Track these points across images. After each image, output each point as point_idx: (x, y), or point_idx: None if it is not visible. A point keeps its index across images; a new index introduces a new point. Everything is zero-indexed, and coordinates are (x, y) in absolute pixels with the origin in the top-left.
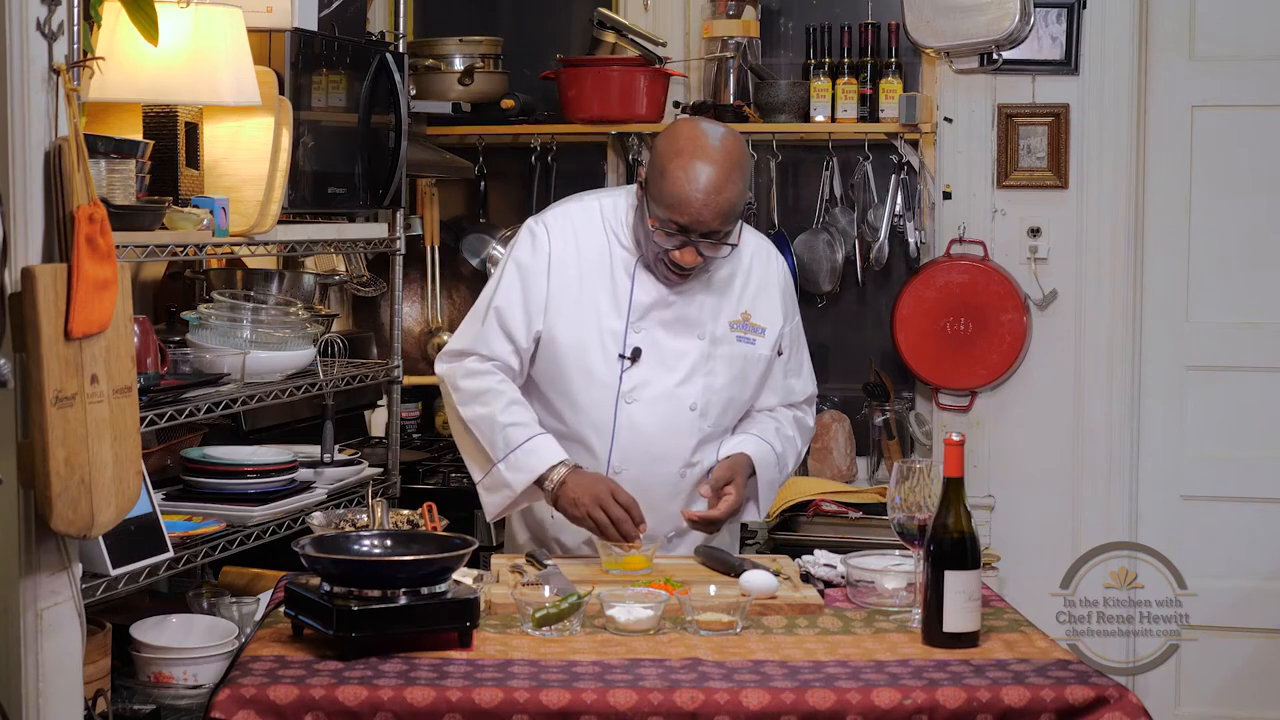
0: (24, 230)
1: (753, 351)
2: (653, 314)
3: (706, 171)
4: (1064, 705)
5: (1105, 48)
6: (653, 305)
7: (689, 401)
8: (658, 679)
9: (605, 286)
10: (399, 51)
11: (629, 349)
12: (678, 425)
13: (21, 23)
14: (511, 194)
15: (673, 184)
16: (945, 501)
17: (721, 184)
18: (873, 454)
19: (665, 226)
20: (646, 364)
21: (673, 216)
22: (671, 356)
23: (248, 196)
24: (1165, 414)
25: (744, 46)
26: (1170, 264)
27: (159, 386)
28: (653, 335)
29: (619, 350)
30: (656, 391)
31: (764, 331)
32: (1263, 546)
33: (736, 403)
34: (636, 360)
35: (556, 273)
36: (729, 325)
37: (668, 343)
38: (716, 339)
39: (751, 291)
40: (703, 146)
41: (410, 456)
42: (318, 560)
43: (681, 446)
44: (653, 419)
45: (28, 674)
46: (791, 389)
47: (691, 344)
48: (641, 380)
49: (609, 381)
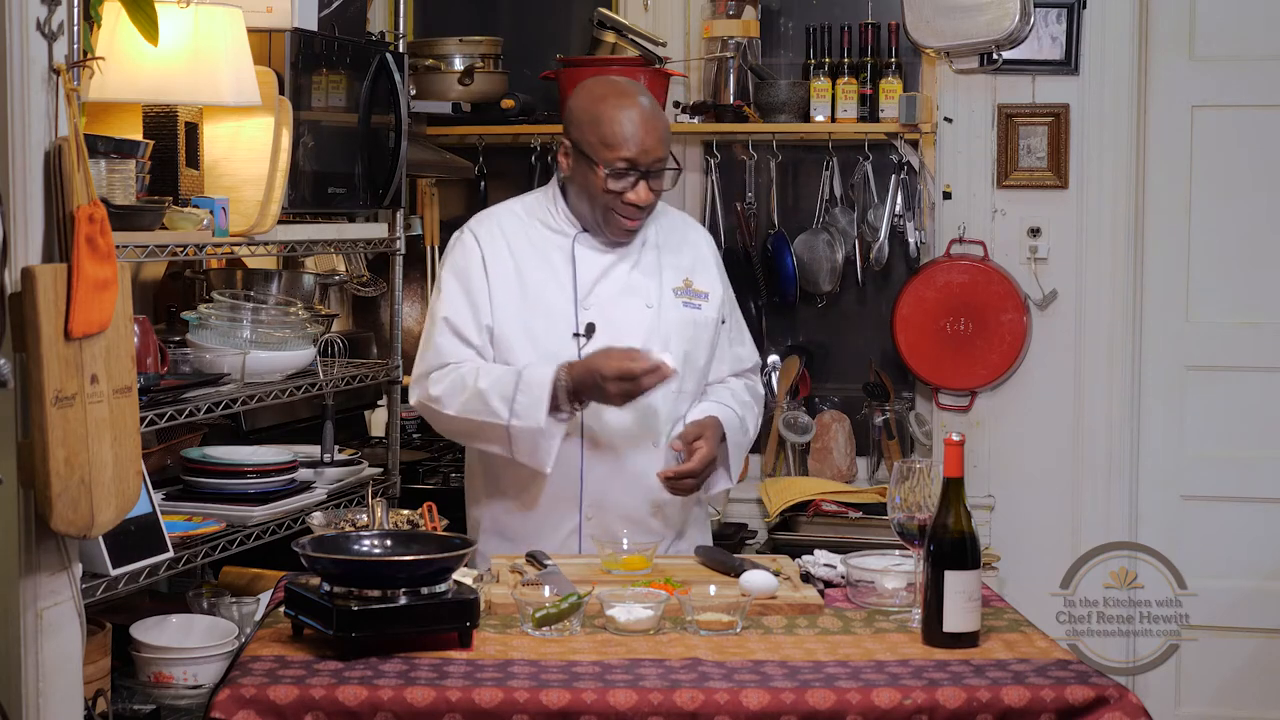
0: (24, 230)
1: (700, 316)
2: (598, 288)
3: (637, 104)
4: (1064, 705)
5: (1105, 48)
6: (597, 279)
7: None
8: (658, 679)
9: (545, 271)
10: (399, 51)
11: (582, 325)
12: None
13: (21, 23)
14: (511, 194)
15: (611, 124)
16: (945, 501)
17: (652, 112)
18: (873, 454)
19: (614, 169)
20: (602, 338)
21: (621, 154)
22: (625, 327)
23: (248, 196)
24: (1165, 414)
25: (744, 46)
26: (1170, 264)
27: (159, 386)
28: (602, 309)
29: (572, 329)
30: None
31: (707, 297)
32: (1263, 546)
33: (694, 369)
34: (591, 335)
35: (492, 268)
36: (673, 292)
37: (618, 314)
38: (664, 306)
39: (687, 261)
40: (618, 88)
41: (410, 456)
42: (318, 560)
43: (652, 417)
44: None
45: (28, 674)
46: (740, 356)
47: (640, 313)
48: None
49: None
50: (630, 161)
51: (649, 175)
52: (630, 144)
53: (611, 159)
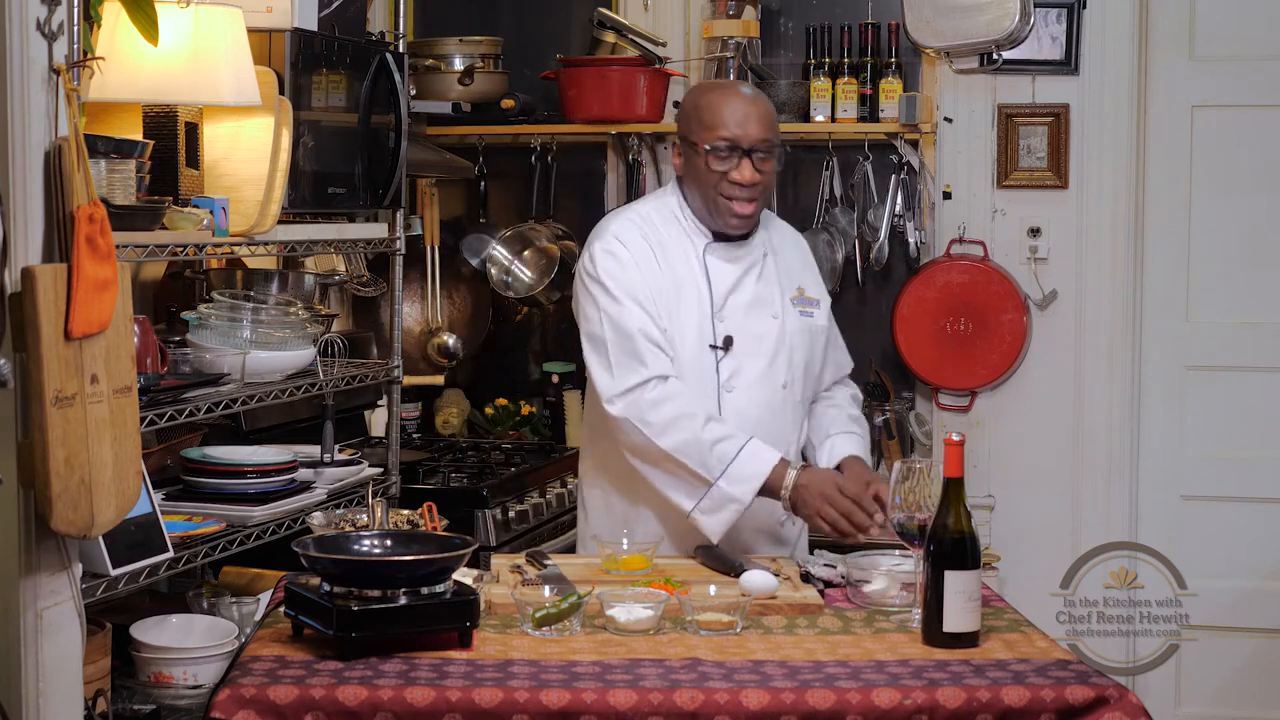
0: (24, 230)
1: (814, 324)
2: (731, 299)
3: (737, 91)
4: (1064, 705)
5: (1105, 48)
6: (729, 290)
7: (780, 381)
8: (658, 679)
9: (686, 279)
10: (399, 51)
11: (719, 338)
12: (775, 406)
13: (21, 23)
14: (511, 194)
15: (714, 107)
16: (945, 501)
17: (753, 96)
18: (873, 454)
19: (718, 149)
20: (735, 350)
21: (723, 133)
22: (755, 339)
23: (248, 196)
24: (1165, 414)
25: (744, 46)
26: (1170, 264)
27: (159, 386)
28: (737, 320)
29: (709, 341)
30: (751, 376)
31: (818, 304)
32: (1263, 546)
33: (811, 376)
34: (729, 348)
35: (647, 274)
36: (790, 301)
37: (750, 326)
38: (786, 316)
39: (797, 269)
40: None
41: (410, 456)
42: (318, 560)
43: (783, 426)
44: (753, 404)
45: (28, 674)
46: (839, 362)
47: (768, 324)
48: (736, 367)
49: (709, 373)
50: (731, 140)
51: (752, 155)
52: (730, 123)
53: (712, 138)
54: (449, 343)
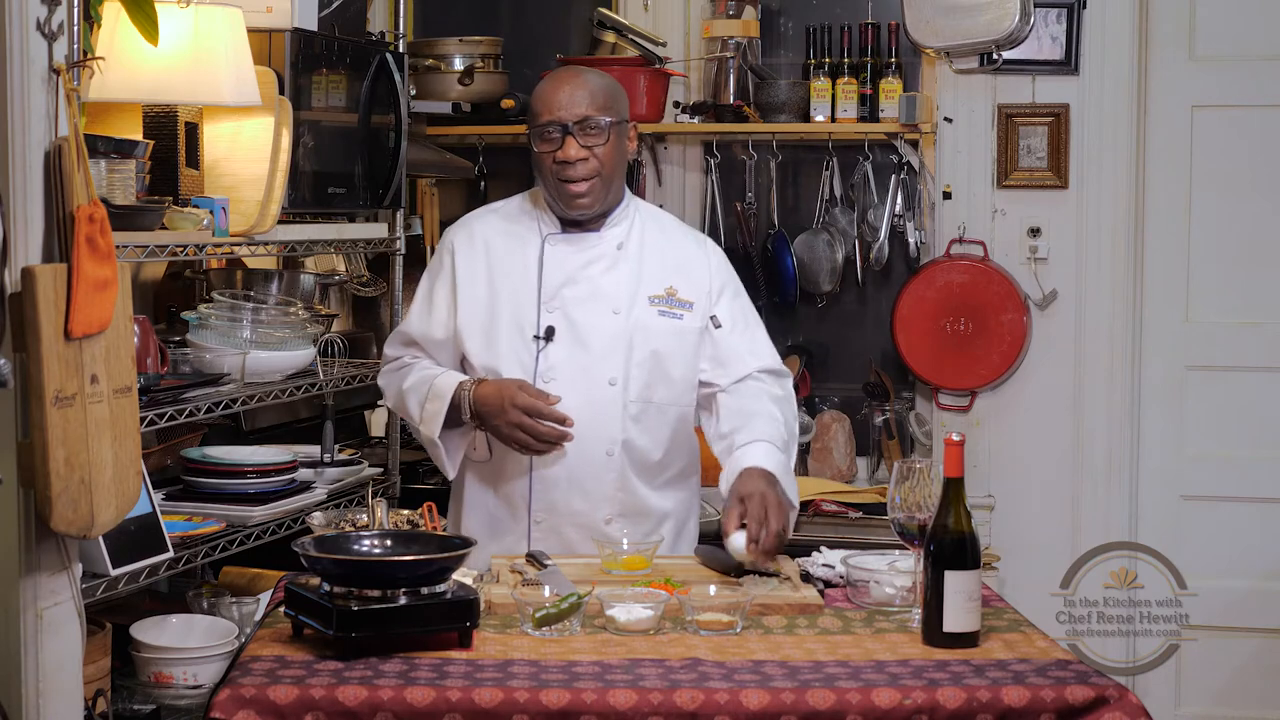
0: (24, 230)
1: (679, 326)
2: (563, 292)
3: (568, 72)
4: (1064, 705)
5: (1105, 48)
6: (563, 284)
7: (607, 377)
8: (658, 679)
9: (516, 272)
10: (399, 51)
11: (542, 328)
12: (597, 401)
13: (21, 23)
14: (511, 194)
15: (539, 93)
16: (945, 501)
17: (577, 76)
18: (873, 454)
19: (541, 130)
20: (562, 342)
21: (543, 116)
22: (587, 333)
23: (248, 196)
24: (1165, 414)
25: (744, 46)
26: (1170, 264)
27: (159, 386)
28: (566, 313)
29: (533, 332)
30: (574, 369)
31: (691, 306)
32: (1263, 546)
33: (666, 378)
34: (550, 339)
35: (463, 270)
36: (649, 299)
37: (582, 319)
38: (634, 312)
39: (674, 268)
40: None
41: (410, 456)
42: (318, 560)
43: (604, 424)
44: (571, 397)
45: (28, 674)
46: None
47: (606, 319)
48: (558, 359)
49: (527, 363)
50: (552, 121)
51: (575, 133)
52: (550, 106)
53: (537, 125)
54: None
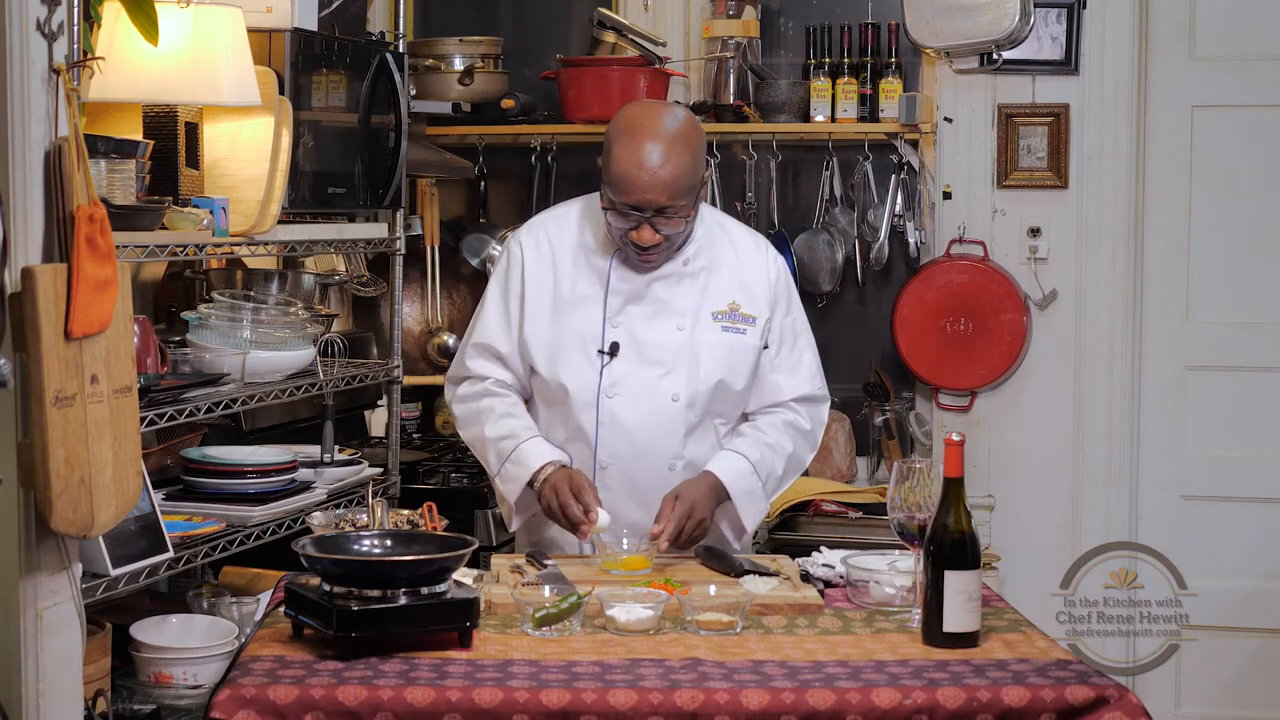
0: (24, 230)
1: (742, 341)
2: (629, 308)
3: (649, 149)
4: (1064, 705)
5: (1105, 48)
6: (629, 299)
7: (670, 393)
8: (658, 679)
9: (584, 285)
10: (399, 51)
11: (607, 344)
12: (661, 418)
13: (21, 23)
14: (511, 194)
15: (617, 164)
16: (945, 501)
17: (664, 160)
18: (873, 454)
19: (618, 208)
20: (625, 358)
21: (621, 197)
22: (651, 349)
23: (248, 196)
24: (1165, 414)
25: (744, 46)
26: (1170, 264)
27: (159, 386)
28: (630, 329)
29: (598, 346)
30: (637, 385)
31: (754, 321)
32: (1263, 546)
33: (728, 393)
34: (615, 355)
35: (531, 281)
36: (713, 315)
37: (646, 335)
38: (698, 329)
39: (738, 283)
40: (646, 125)
41: (410, 456)
42: (318, 560)
43: (666, 439)
44: (634, 413)
45: (28, 674)
46: (779, 386)
47: (671, 335)
48: (621, 375)
49: (590, 378)
50: (632, 206)
51: (654, 221)
52: (631, 190)
53: (614, 199)
54: (449, 343)
